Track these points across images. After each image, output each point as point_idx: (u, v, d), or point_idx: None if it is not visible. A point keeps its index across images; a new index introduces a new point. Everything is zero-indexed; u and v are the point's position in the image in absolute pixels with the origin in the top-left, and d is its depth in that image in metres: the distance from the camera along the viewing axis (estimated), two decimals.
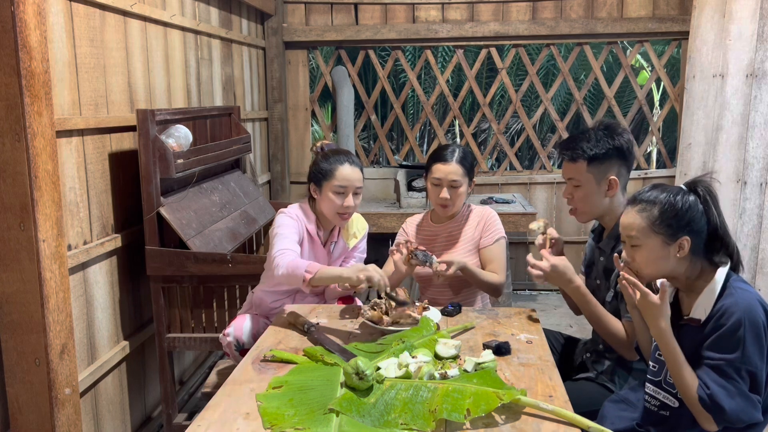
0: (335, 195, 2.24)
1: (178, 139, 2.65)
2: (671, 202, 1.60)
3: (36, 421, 1.97)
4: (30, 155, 1.85)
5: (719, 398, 1.51)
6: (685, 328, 1.65)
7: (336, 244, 2.40)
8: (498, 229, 2.44)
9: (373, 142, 8.63)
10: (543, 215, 4.93)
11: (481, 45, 4.94)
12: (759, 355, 1.53)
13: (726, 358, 1.53)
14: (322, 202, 2.28)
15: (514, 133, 9.44)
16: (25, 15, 1.81)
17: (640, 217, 1.63)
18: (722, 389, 1.52)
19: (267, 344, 1.93)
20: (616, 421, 1.75)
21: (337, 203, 2.24)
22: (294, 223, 2.25)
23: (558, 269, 1.97)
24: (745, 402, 1.52)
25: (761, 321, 1.53)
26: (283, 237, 2.18)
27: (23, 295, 1.92)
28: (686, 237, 1.60)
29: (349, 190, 2.25)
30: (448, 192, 2.36)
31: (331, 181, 2.24)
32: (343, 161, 2.27)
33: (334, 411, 1.46)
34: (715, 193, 1.64)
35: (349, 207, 2.26)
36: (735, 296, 1.57)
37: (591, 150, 2.00)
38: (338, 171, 2.24)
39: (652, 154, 8.92)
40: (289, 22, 4.84)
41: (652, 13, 4.73)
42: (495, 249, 2.42)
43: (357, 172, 2.28)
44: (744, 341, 1.52)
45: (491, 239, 2.42)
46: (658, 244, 1.62)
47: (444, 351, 1.77)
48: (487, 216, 2.47)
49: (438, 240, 2.49)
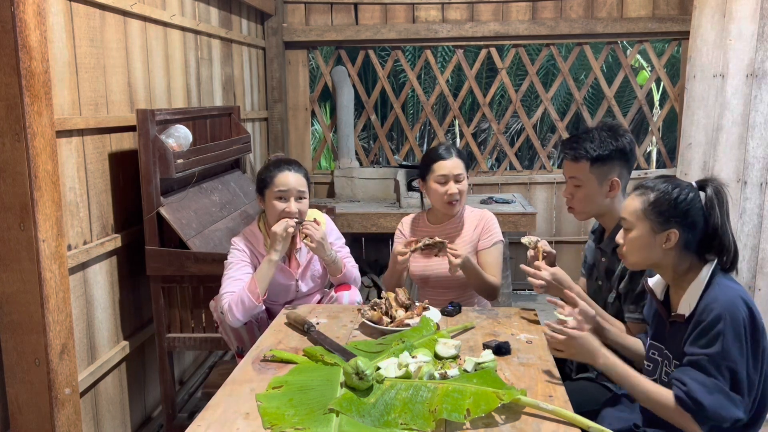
0: (277, 201, 2.29)
1: (178, 139, 2.65)
2: (668, 192, 1.61)
3: (36, 421, 1.97)
4: (30, 155, 1.85)
5: (697, 395, 1.49)
6: (674, 326, 1.65)
7: (300, 251, 2.42)
8: (497, 233, 2.45)
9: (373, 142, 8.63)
10: (543, 215, 4.94)
11: (481, 45, 4.94)
12: (739, 351, 1.50)
13: (705, 353, 1.51)
14: (268, 211, 2.34)
15: (514, 133, 9.45)
16: (25, 15, 1.81)
17: (637, 201, 1.65)
18: (700, 386, 1.50)
19: (267, 344, 1.93)
20: (614, 422, 1.74)
21: (278, 209, 2.28)
22: (240, 255, 2.31)
23: (557, 277, 1.99)
24: (725, 398, 1.49)
25: (742, 317, 1.51)
26: (226, 278, 2.27)
27: (23, 295, 1.92)
28: (674, 230, 1.59)
29: (290, 194, 2.29)
30: (455, 186, 2.37)
31: (272, 188, 2.30)
32: (283, 168, 2.32)
33: (334, 411, 1.46)
34: (725, 194, 1.61)
35: (291, 213, 2.27)
36: (716, 291, 1.56)
37: (594, 151, 2.01)
38: (277, 177, 2.30)
39: (652, 154, 8.93)
40: (289, 22, 4.84)
41: (652, 13, 4.73)
42: (493, 252, 2.42)
43: (298, 178, 2.31)
44: (723, 336, 1.50)
45: (489, 242, 2.43)
46: (646, 231, 1.62)
47: (444, 351, 1.77)
48: (486, 218, 2.48)
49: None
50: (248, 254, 2.32)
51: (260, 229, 2.39)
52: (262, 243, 2.35)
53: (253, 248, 2.35)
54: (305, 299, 2.50)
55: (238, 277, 2.25)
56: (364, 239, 4.77)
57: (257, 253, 2.34)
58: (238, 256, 2.31)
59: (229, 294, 2.20)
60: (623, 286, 1.99)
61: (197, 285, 2.64)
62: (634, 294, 1.95)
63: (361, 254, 4.77)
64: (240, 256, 2.30)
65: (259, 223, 2.41)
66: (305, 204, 2.33)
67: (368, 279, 4.54)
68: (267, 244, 2.32)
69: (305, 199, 2.33)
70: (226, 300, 2.20)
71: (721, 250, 1.60)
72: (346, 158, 4.85)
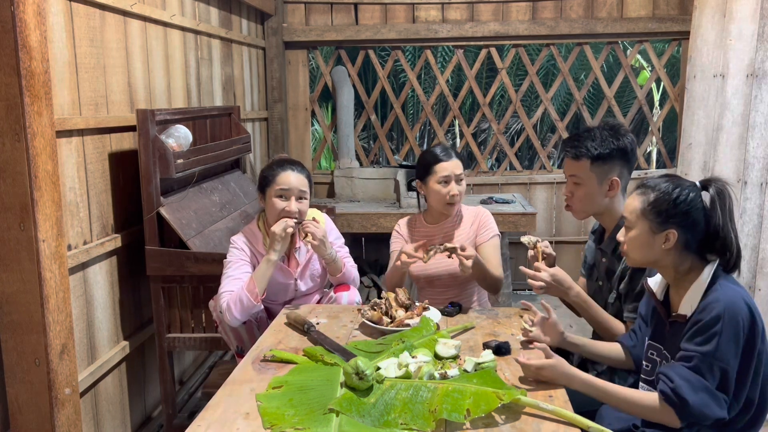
0: (278, 199, 2.29)
1: (178, 139, 2.65)
2: (668, 192, 1.60)
3: (36, 421, 1.97)
4: (30, 155, 1.85)
5: (682, 391, 1.49)
6: (674, 327, 1.64)
7: (299, 250, 2.42)
8: (492, 227, 2.48)
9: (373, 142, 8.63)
10: (543, 215, 4.94)
11: (481, 45, 4.94)
12: (734, 352, 1.50)
13: (698, 350, 1.51)
14: (268, 209, 2.33)
15: (514, 133, 9.45)
16: (25, 15, 1.81)
17: (638, 200, 1.65)
18: (686, 382, 1.50)
19: (267, 344, 1.93)
20: (614, 422, 1.75)
21: (278, 208, 2.27)
22: (240, 254, 2.31)
23: (557, 278, 1.99)
24: (710, 397, 1.49)
25: (742, 318, 1.51)
26: (225, 278, 2.26)
27: (23, 295, 1.92)
28: (673, 230, 1.59)
29: (291, 193, 2.29)
30: (456, 188, 2.39)
31: (273, 186, 2.30)
32: (286, 167, 2.32)
33: (334, 411, 1.46)
34: (728, 195, 1.60)
35: (291, 212, 2.27)
36: (719, 292, 1.55)
37: (595, 149, 2.01)
38: (279, 176, 2.30)
39: (652, 154, 8.92)
40: (289, 22, 4.84)
41: (652, 13, 4.73)
42: (491, 245, 2.44)
43: (300, 178, 2.31)
44: (720, 336, 1.49)
45: (487, 236, 2.45)
46: (645, 230, 1.62)
47: (444, 351, 1.77)
48: (481, 215, 2.50)
49: (435, 240, 2.49)
50: (247, 253, 2.32)
51: (259, 228, 2.39)
52: (261, 242, 2.35)
53: (252, 247, 2.35)
54: (304, 299, 2.50)
55: (237, 276, 2.25)
56: (364, 239, 4.77)
57: (256, 252, 2.34)
58: (237, 255, 2.31)
59: (228, 293, 2.20)
60: (623, 286, 1.99)
61: (197, 285, 2.64)
62: (634, 294, 1.95)
63: (361, 254, 4.77)
64: (239, 255, 2.30)
65: (258, 222, 2.41)
66: (306, 205, 2.33)
67: (368, 279, 4.55)
68: (266, 243, 2.32)
69: (306, 200, 2.33)
70: (224, 299, 2.20)
71: (724, 251, 1.59)
72: (346, 158, 4.85)
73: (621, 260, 2.00)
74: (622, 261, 1.99)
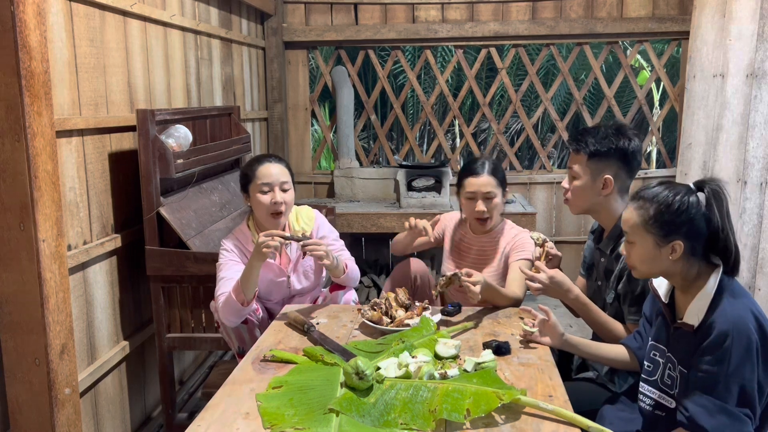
0: (262, 195, 2.28)
1: (177, 139, 2.65)
2: (668, 203, 1.57)
3: (36, 421, 1.97)
4: (30, 155, 1.85)
5: (699, 419, 1.47)
6: (679, 332, 1.62)
7: (290, 246, 2.41)
8: (528, 251, 2.36)
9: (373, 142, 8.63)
10: (543, 215, 4.93)
11: (481, 45, 4.94)
12: (750, 367, 1.46)
13: (710, 370, 1.48)
14: (254, 207, 2.33)
15: (514, 133, 9.44)
16: (25, 15, 1.81)
17: (636, 215, 1.61)
18: (701, 408, 1.48)
19: (267, 344, 1.93)
20: (614, 422, 1.75)
21: (264, 202, 2.27)
22: (230, 255, 2.31)
23: (556, 280, 1.98)
24: (728, 418, 1.46)
25: (751, 332, 1.47)
26: (219, 280, 2.26)
27: (23, 295, 1.91)
28: (679, 241, 1.56)
29: (274, 185, 2.28)
30: (483, 204, 2.36)
31: (255, 181, 2.30)
32: (263, 161, 2.32)
33: (334, 411, 1.46)
34: (723, 195, 1.57)
35: (278, 203, 2.26)
36: (725, 305, 1.52)
37: (593, 145, 2.02)
38: (258, 170, 2.29)
39: (652, 154, 8.92)
40: (289, 22, 4.84)
41: (652, 13, 4.73)
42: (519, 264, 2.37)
43: (280, 168, 2.31)
44: (730, 354, 1.46)
45: (518, 257, 2.36)
46: (650, 245, 1.59)
47: (444, 351, 1.77)
48: (521, 237, 2.42)
49: (470, 253, 2.47)
50: (237, 253, 2.33)
51: (249, 227, 2.39)
52: (250, 241, 2.35)
53: (242, 246, 2.35)
54: (301, 298, 2.49)
55: (230, 276, 2.25)
56: (364, 239, 4.77)
57: (246, 252, 2.34)
58: (227, 256, 2.31)
59: (223, 295, 2.21)
60: (621, 286, 1.99)
61: (197, 285, 2.64)
62: (635, 295, 1.95)
63: (361, 254, 4.77)
64: (229, 257, 2.31)
65: (248, 221, 2.41)
66: (290, 195, 2.33)
67: (368, 279, 4.55)
68: (255, 242, 2.32)
69: (290, 191, 2.33)
70: (219, 302, 2.21)
71: (725, 252, 1.57)
72: (346, 158, 4.85)
73: (619, 260, 2.00)
74: (620, 261, 1.99)
